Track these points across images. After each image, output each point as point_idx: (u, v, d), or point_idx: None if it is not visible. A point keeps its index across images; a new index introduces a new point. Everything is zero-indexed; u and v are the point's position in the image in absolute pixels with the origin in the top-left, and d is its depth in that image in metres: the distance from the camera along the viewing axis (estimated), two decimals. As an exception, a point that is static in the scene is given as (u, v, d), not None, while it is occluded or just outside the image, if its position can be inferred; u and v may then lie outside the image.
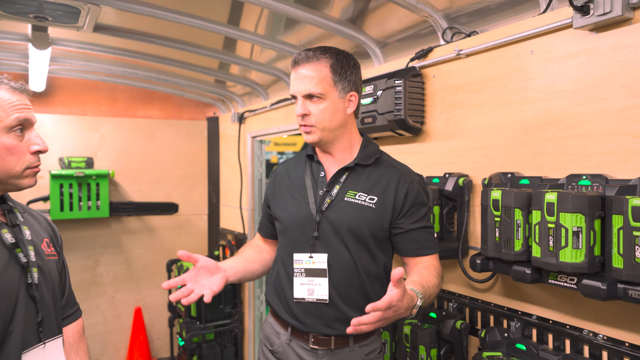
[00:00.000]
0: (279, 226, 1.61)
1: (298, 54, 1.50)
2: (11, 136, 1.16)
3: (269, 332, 1.63)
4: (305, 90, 1.46)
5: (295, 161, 1.67)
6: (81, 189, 3.71)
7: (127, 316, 4.14)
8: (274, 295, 1.60)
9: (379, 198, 1.48)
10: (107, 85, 4.05)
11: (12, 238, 1.18)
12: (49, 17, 2.28)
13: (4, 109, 1.16)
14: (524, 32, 1.55)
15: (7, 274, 1.12)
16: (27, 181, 1.21)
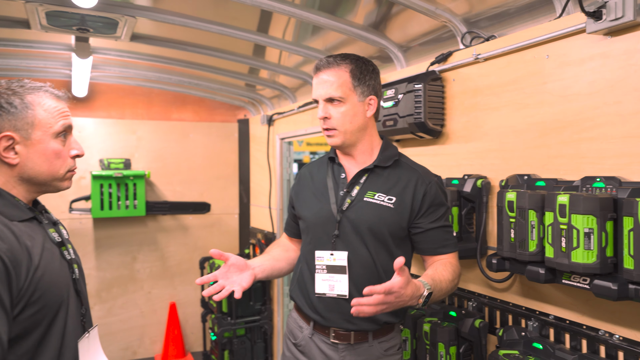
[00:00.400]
0: (303, 225, 1.70)
1: (320, 61, 1.58)
2: (58, 141, 1.22)
3: (293, 326, 1.71)
4: (326, 94, 1.54)
5: (318, 163, 1.76)
6: (120, 189, 3.91)
7: (162, 311, 4.33)
8: (297, 291, 1.68)
9: (397, 198, 1.54)
10: (144, 90, 4.25)
11: (58, 237, 1.24)
12: (90, 29, 2.45)
13: (53, 115, 1.21)
14: (540, 36, 1.57)
15: (62, 269, 1.19)
16: (67, 183, 1.27)
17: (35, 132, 1.17)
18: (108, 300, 4.15)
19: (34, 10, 2.14)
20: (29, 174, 1.18)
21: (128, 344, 4.24)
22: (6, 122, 1.15)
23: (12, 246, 1.07)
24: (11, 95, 1.16)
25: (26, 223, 1.16)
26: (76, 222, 4.04)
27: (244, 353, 3.79)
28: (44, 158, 1.19)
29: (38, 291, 1.10)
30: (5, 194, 1.17)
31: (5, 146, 1.15)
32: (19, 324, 1.07)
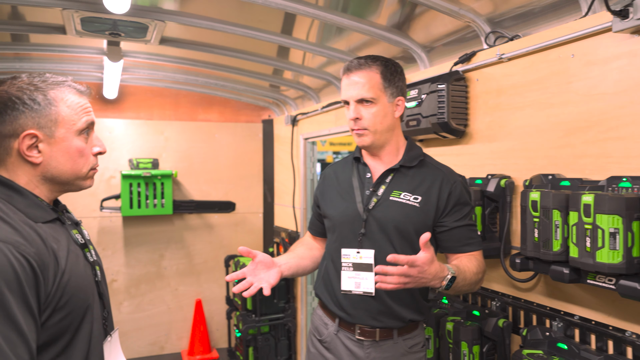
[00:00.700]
0: (328, 223, 1.73)
1: (350, 62, 1.61)
2: (81, 139, 1.16)
3: (318, 323, 1.74)
4: (358, 95, 1.57)
5: (343, 163, 1.79)
6: (148, 188, 4.02)
7: (188, 307, 4.43)
8: (322, 288, 1.72)
9: (423, 197, 1.57)
10: (171, 92, 4.36)
11: (81, 238, 1.19)
12: (121, 33, 2.54)
13: (76, 111, 1.14)
14: (565, 35, 1.56)
15: (86, 272, 1.15)
16: (89, 182, 1.22)
17: (59, 130, 1.11)
18: (137, 296, 4.27)
19: (70, 16, 2.23)
20: (52, 173, 1.13)
21: (156, 339, 4.35)
22: (29, 120, 1.08)
23: (39, 249, 1.02)
24: (34, 91, 1.10)
25: (50, 224, 1.11)
26: (106, 220, 4.17)
27: (268, 350, 3.85)
28: (67, 157, 1.13)
29: (65, 296, 1.05)
30: (28, 194, 1.11)
31: (28, 144, 1.09)
32: (46, 330, 1.02)
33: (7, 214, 1.03)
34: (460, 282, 1.43)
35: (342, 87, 1.63)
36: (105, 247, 4.17)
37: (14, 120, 1.07)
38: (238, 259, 4.15)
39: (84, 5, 2.16)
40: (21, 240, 0.99)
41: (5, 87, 1.09)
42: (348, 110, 1.61)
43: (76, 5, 2.15)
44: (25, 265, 0.97)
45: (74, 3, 2.14)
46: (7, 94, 1.08)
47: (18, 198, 1.08)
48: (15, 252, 0.97)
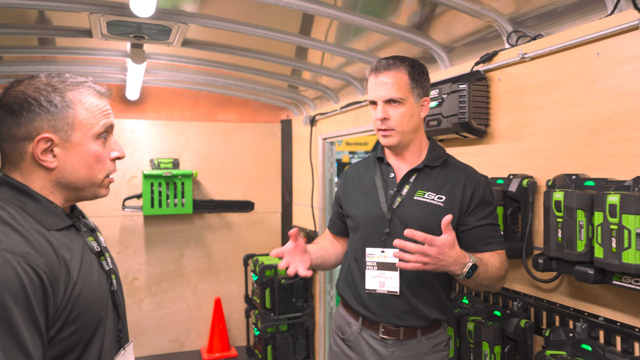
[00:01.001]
0: (351, 223, 1.74)
1: (378, 62, 1.61)
2: (98, 143, 1.09)
3: (341, 322, 1.75)
4: (386, 95, 1.57)
5: (365, 163, 1.80)
6: (169, 188, 4.09)
7: (208, 306, 4.48)
8: (345, 287, 1.73)
9: (447, 197, 1.58)
10: (191, 93, 4.42)
11: (97, 246, 1.13)
12: (145, 36, 2.59)
13: (94, 114, 1.08)
14: (591, 34, 1.55)
15: (100, 282, 1.09)
16: (104, 191, 1.14)
17: (75, 134, 1.05)
18: (157, 294, 4.34)
19: (97, 20, 2.29)
20: (67, 178, 1.06)
21: (176, 336, 4.42)
22: (45, 123, 1.02)
23: (49, 261, 0.95)
24: (51, 92, 1.03)
25: (64, 232, 1.05)
26: (128, 219, 4.25)
27: (286, 349, 3.88)
28: (83, 162, 1.07)
29: (76, 310, 0.99)
30: (43, 200, 1.04)
31: (43, 149, 1.03)
32: (55, 346, 0.96)
33: (19, 221, 0.97)
34: (482, 272, 1.44)
35: (369, 87, 1.63)
36: (127, 245, 4.25)
37: (29, 123, 1.01)
38: (257, 257, 4.19)
39: (111, 9, 2.21)
40: (31, 251, 0.93)
41: (22, 87, 1.04)
42: (374, 110, 1.61)
43: (103, 9, 2.20)
44: (34, 279, 0.91)
45: (100, 7, 2.19)
46: (23, 94, 1.02)
47: (32, 204, 1.02)
48: (24, 264, 0.91)
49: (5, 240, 0.92)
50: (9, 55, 3.14)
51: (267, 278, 3.88)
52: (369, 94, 1.63)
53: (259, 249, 4.57)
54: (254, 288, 4.12)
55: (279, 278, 3.87)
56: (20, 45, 2.96)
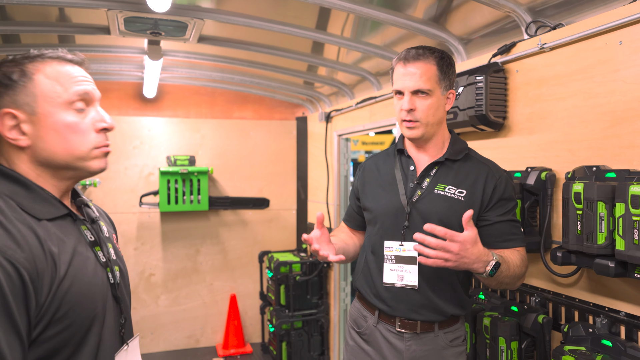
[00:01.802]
0: (369, 216, 1.71)
1: (407, 51, 1.57)
2: (71, 113, 1.00)
3: (356, 316, 1.73)
4: (415, 86, 1.53)
5: (384, 156, 1.77)
6: (185, 184, 4.13)
7: (223, 302, 4.51)
8: (362, 281, 1.70)
9: (468, 191, 1.55)
10: (207, 90, 4.45)
11: (91, 236, 1.06)
12: (162, 32, 2.61)
13: (61, 82, 0.99)
14: (613, 22, 1.51)
15: (97, 273, 1.02)
16: (97, 163, 1.04)
17: (40, 105, 0.97)
18: (174, 290, 4.38)
19: (115, 17, 2.31)
20: (44, 155, 0.99)
21: (191, 332, 4.45)
22: (6, 98, 0.96)
23: (33, 254, 0.88)
24: (11, 66, 0.98)
25: (59, 221, 0.98)
26: (145, 216, 4.30)
27: (301, 345, 3.87)
28: (56, 134, 0.98)
29: (64, 306, 0.92)
30: (33, 187, 0.98)
31: (10, 126, 0.97)
32: (40, 345, 0.89)
33: (4, 212, 0.90)
34: (504, 270, 1.41)
35: (395, 77, 1.58)
36: (144, 241, 4.30)
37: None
38: (272, 254, 4.20)
39: (128, 5, 2.24)
40: (11, 245, 0.87)
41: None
42: (399, 100, 1.57)
43: (120, 5, 2.23)
44: (12, 274, 0.84)
45: (118, 3, 2.22)
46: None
47: (23, 193, 0.96)
48: (1, 259, 0.84)
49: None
50: (31, 53, 3.20)
51: (282, 275, 3.89)
52: (395, 84, 1.58)
53: (274, 246, 4.58)
54: (269, 285, 4.13)
55: (294, 275, 3.87)
56: (42, 43, 3.02)
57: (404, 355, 1.59)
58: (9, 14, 2.49)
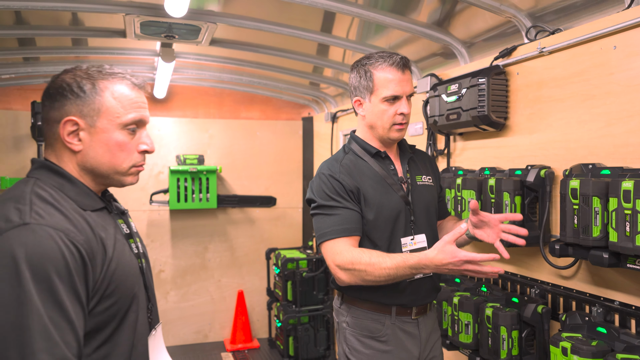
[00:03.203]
0: (374, 221, 1.63)
1: (401, 59, 1.65)
2: (124, 133, 1.12)
3: (367, 324, 1.67)
4: (410, 90, 1.68)
5: (351, 160, 1.71)
6: (194, 183, 4.22)
7: (231, 298, 4.60)
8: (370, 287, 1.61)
9: (432, 175, 1.81)
10: (215, 91, 4.55)
11: (126, 229, 1.19)
12: (175, 35, 2.71)
13: (124, 105, 1.11)
14: (608, 28, 1.60)
15: (132, 261, 1.14)
16: (131, 179, 1.17)
17: (100, 120, 1.09)
18: (182, 286, 4.49)
19: (132, 21, 2.41)
20: (90, 163, 1.11)
21: (200, 327, 4.55)
22: (73, 107, 1.08)
23: (88, 237, 1.02)
24: (84, 79, 1.09)
25: (98, 213, 1.11)
26: (155, 214, 4.40)
27: (307, 340, 3.97)
28: (106, 148, 1.11)
29: (112, 284, 1.05)
30: (77, 182, 1.10)
31: (69, 131, 1.08)
32: (94, 318, 1.02)
33: (59, 201, 1.04)
34: None
35: (385, 83, 1.62)
36: (154, 239, 4.40)
37: (61, 107, 1.08)
38: (279, 251, 4.30)
39: (145, 10, 2.33)
40: (71, 228, 1.00)
41: (64, 75, 1.11)
42: (392, 105, 1.63)
43: (138, 10, 2.33)
44: (74, 253, 0.97)
45: (136, 9, 2.32)
46: (61, 81, 1.10)
47: (69, 186, 1.08)
48: (66, 240, 0.97)
49: (48, 217, 0.98)
50: (45, 55, 3.31)
51: (289, 271, 3.98)
52: (388, 90, 1.61)
53: (281, 243, 4.67)
54: (276, 281, 4.23)
55: (301, 271, 3.96)
56: (56, 46, 3.12)
57: (420, 339, 1.70)
58: (25, 18, 2.58)
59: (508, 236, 1.53)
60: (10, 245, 0.93)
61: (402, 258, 1.51)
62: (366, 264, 1.52)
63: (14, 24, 2.63)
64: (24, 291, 0.90)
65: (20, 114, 3.93)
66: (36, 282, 0.92)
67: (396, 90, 1.64)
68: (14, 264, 0.91)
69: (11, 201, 1.00)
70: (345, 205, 1.62)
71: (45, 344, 0.90)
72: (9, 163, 3.89)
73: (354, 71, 1.72)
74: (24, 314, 0.90)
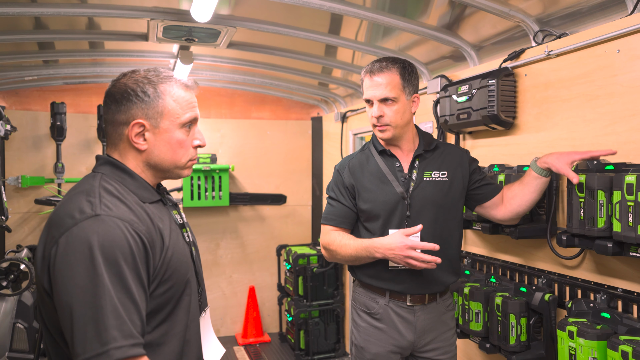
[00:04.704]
0: (369, 213, 1.85)
1: (372, 65, 1.83)
2: (183, 131, 1.22)
3: (365, 299, 1.91)
4: (381, 95, 1.80)
5: (361, 157, 1.94)
6: (207, 181, 4.34)
7: (242, 294, 4.72)
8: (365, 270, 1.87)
9: (449, 171, 1.86)
10: (227, 91, 4.66)
11: (180, 219, 1.29)
12: (195, 39, 2.82)
13: (182, 106, 1.21)
14: (612, 32, 1.70)
15: (185, 249, 1.24)
16: (187, 172, 1.28)
17: (163, 122, 1.19)
18: (195, 281, 4.59)
19: (155, 25, 2.53)
20: (154, 160, 1.22)
21: (212, 322, 4.63)
22: (139, 110, 1.18)
23: (148, 227, 1.11)
24: (146, 84, 1.18)
25: (155, 205, 1.21)
26: (169, 211, 4.50)
27: (318, 334, 4.08)
28: (168, 147, 1.21)
29: (169, 270, 1.14)
30: (137, 177, 1.21)
31: (136, 132, 1.19)
32: (153, 300, 1.11)
33: (123, 195, 1.14)
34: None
35: (364, 88, 1.84)
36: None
37: (127, 110, 1.18)
38: (289, 248, 4.41)
39: (170, 15, 2.45)
40: (135, 219, 1.09)
41: (125, 79, 1.20)
42: (370, 108, 1.83)
43: (162, 15, 2.44)
44: (138, 241, 1.07)
45: (161, 14, 2.43)
46: (124, 86, 1.19)
47: (130, 180, 1.19)
48: (131, 229, 1.06)
49: (115, 209, 1.09)
50: (64, 58, 3.42)
51: (300, 266, 4.10)
52: (365, 94, 1.84)
53: (291, 240, 4.79)
54: (287, 276, 4.34)
55: (311, 267, 4.08)
56: (73, 49, 3.23)
57: (415, 326, 1.83)
58: (44, 23, 2.68)
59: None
60: (85, 233, 1.03)
61: (361, 241, 1.81)
62: (337, 246, 1.85)
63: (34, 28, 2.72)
64: (97, 274, 1.00)
65: (39, 114, 4.05)
66: (107, 266, 1.01)
67: (366, 95, 1.84)
68: (89, 249, 1.01)
69: (83, 194, 1.11)
70: (339, 199, 1.90)
71: (115, 321, 0.99)
72: (29, 162, 4.01)
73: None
74: (98, 294, 0.99)
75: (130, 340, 1.00)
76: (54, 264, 1.03)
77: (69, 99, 4.10)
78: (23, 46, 3.08)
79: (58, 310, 1.03)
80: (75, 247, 1.02)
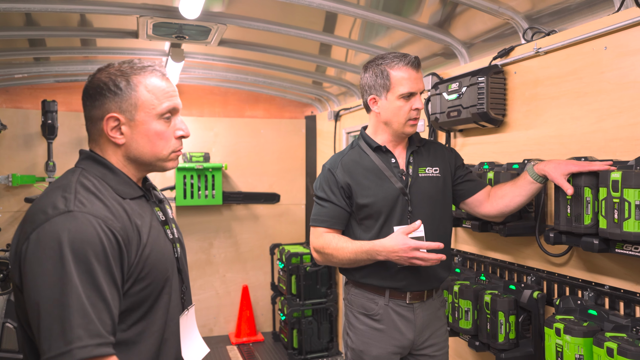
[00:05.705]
0: (369, 210, 1.79)
1: (413, 58, 1.81)
2: (161, 122, 1.19)
3: (362, 301, 1.85)
4: (422, 87, 1.83)
5: (352, 155, 1.88)
6: (200, 180, 4.33)
7: (235, 293, 4.70)
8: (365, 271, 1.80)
9: (440, 167, 1.88)
10: (221, 90, 4.65)
11: (162, 216, 1.26)
12: (186, 36, 2.81)
13: (158, 96, 1.18)
14: (599, 29, 1.70)
15: (166, 247, 1.21)
16: (171, 164, 1.25)
17: (139, 114, 1.16)
18: (188, 280, 4.57)
19: (145, 22, 2.51)
20: (134, 154, 1.19)
21: (205, 321, 4.65)
22: (113, 104, 1.15)
23: (124, 225, 1.09)
24: (119, 76, 1.16)
25: (136, 201, 1.19)
26: (162, 210, 4.48)
27: (311, 332, 4.08)
28: (146, 139, 1.18)
29: (146, 268, 1.12)
30: (119, 172, 1.19)
31: (112, 126, 1.16)
32: (129, 298, 1.10)
33: (100, 190, 1.12)
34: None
35: (400, 81, 1.76)
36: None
37: (101, 105, 1.16)
38: (283, 247, 4.40)
39: (159, 12, 2.43)
40: (110, 216, 1.07)
41: (99, 74, 1.18)
42: (407, 102, 1.78)
43: (151, 12, 2.43)
44: (111, 239, 1.05)
45: (149, 10, 2.42)
46: (98, 80, 1.17)
47: (111, 176, 1.17)
48: (104, 226, 1.05)
49: (90, 205, 1.07)
50: (55, 56, 3.40)
51: (293, 265, 4.09)
52: (407, 87, 1.76)
53: (284, 239, 4.78)
54: (280, 275, 4.33)
55: (305, 265, 4.07)
56: (65, 46, 3.21)
57: (415, 324, 1.81)
58: (35, 19, 2.67)
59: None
60: (56, 230, 1.01)
61: (360, 244, 1.75)
62: (332, 249, 1.79)
63: (24, 25, 2.71)
64: (65, 272, 0.99)
65: (30, 112, 4.03)
66: (77, 264, 1.00)
67: (411, 87, 1.78)
68: (58, 246, 1.00)
69: (59, 190, 1.10)
70: (332, 199, 1.82)
71: (82, 320, 0.97)
72: (20, 160, 3.99)
73: (368, 71, 1.84)
74: (65, 292, 0.98)
75: (97, 340, 0.98)
76: (24, 260, 1.02)
77: (61, 97, 4.07)
78: (13, 43, 3.05)
79: (27, 307, 1.02)
80: (45, 243, 1.01)
